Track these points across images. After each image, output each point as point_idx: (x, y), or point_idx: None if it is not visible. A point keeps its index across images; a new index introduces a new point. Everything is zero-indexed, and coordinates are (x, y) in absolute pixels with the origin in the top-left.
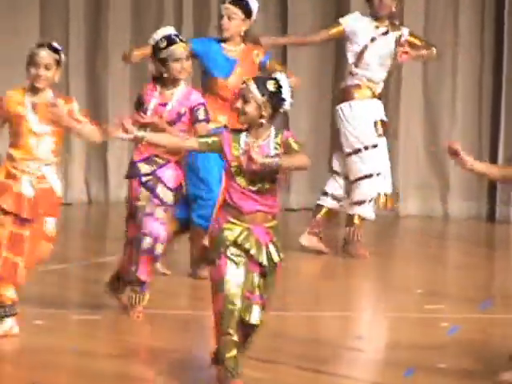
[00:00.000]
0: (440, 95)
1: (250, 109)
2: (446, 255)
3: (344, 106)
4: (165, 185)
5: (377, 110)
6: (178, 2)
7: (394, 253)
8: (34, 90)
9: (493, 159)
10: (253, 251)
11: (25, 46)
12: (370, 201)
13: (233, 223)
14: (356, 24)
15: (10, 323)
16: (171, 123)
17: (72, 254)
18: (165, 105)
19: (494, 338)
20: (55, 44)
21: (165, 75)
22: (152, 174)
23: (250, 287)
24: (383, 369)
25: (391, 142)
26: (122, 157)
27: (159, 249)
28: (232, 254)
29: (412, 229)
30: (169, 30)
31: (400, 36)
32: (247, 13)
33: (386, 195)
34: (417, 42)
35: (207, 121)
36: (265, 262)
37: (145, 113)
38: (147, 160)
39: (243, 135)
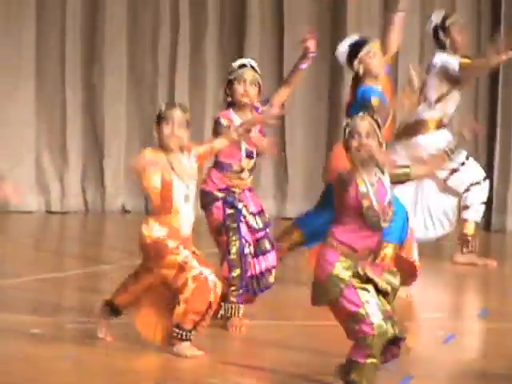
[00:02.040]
0: None
1: (374, 143)
2: (441, 263)
3: (420, 139)
4: (245, 205)
5: (446, 138)
6: (175, 8)
7: None
8: (167, 150)
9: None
10: (373, 277)
11: (21, 55)
12: (482, 203)
13: (343, 260)
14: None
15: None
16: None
17: (68, 262)
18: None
19: (489, 345)
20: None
21: (228, 99)
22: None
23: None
24: (380, 377)
25: None
26: (118, 165)
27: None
28: (357, 283)
29: None
30: (247, 59)
31: None
32: None
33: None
34: None
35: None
36: (385, 286)
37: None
38: (223, 190)
39: (362, 172)
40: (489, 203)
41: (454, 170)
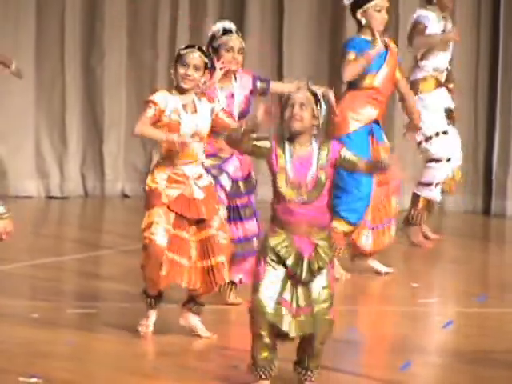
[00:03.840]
0: None
1: (307, 115)
2: (442, 249)
3: (419, 98)
4: (229, 175)
5: (445, 98)
6: None
7: (390, 246)
8: (181, 91)
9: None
10: (289, 262)
11: (20, 41)
12: (436, 184)
13: (278, 232)
14: (428, 16)
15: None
16: (244, 113)
17: (68, 247)
18: (232, 96)
19: (489, 331)
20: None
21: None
22: (216, 167)
23: (288, 296)
24: (379, 362)
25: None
26: (117, 150)
27: None
28: (272, 261)
29: None
30: (227, 23)
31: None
32: None
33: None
34: None
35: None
36: (303, 274)
37: None
38: (211, 156)
39: (287, 144)
40: (489, 188)
41: (429, 138)
